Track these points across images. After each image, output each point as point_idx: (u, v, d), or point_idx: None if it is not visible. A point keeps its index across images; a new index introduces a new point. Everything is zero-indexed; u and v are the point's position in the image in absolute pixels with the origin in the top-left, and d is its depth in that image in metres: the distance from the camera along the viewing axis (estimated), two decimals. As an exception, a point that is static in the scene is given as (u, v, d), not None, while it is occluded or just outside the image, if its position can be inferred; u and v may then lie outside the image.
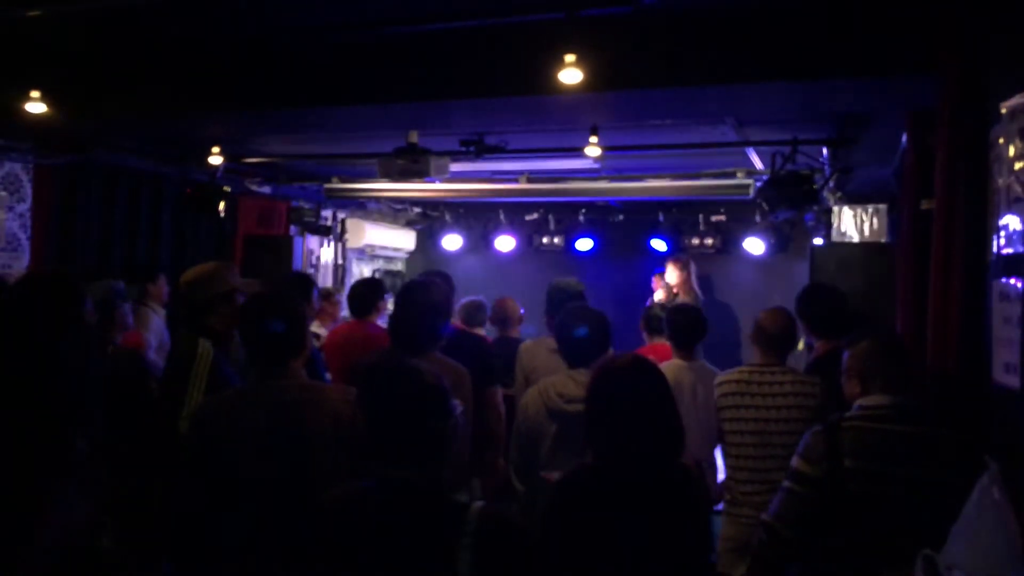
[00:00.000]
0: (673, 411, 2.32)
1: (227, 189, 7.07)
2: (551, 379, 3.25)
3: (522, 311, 5.52)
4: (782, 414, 3.55)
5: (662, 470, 2.27)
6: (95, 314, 2.99)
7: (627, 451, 2.25)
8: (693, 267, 8.03)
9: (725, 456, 3.80)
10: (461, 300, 5.30)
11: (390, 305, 5.60)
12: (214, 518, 2.45)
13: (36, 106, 4.35)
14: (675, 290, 7.89)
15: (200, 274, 3.35)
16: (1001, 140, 2.26)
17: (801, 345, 4.69)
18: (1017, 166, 2.12)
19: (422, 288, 3.53)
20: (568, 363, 3.27)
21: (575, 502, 2.28)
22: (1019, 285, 2.01)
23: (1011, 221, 2.15)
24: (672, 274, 7.98)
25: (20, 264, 5.84)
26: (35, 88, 4.35)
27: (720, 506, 3.83)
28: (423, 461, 1.92)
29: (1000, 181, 2.27)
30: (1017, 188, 2.12)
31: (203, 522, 2.46)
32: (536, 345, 4.22)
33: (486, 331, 5.43)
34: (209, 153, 6.16)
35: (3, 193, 5.76)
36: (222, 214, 6.96)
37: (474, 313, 5.42)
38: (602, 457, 2.31)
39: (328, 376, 4.08)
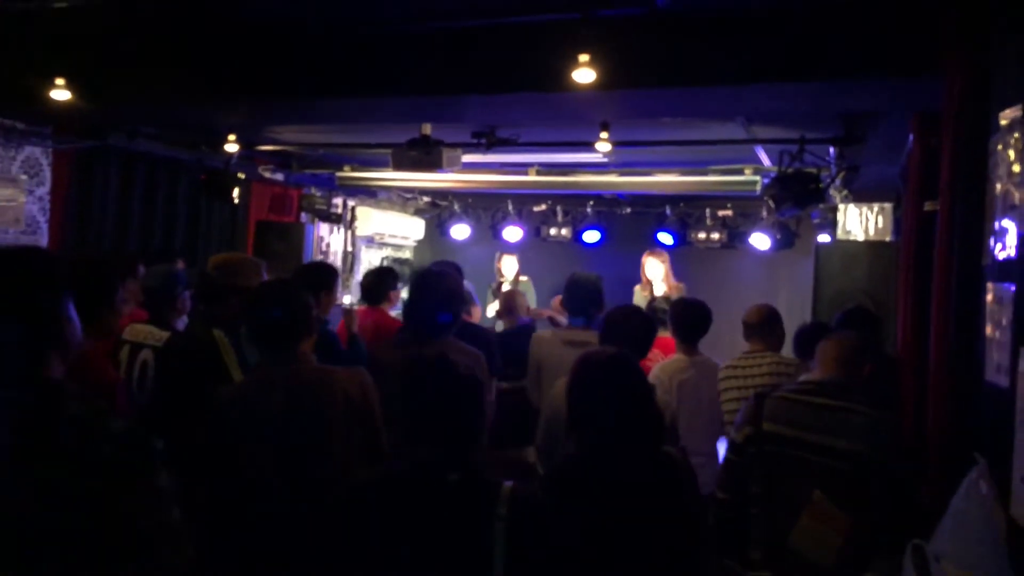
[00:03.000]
0: (649, 401, 2.45)
1: (241, 176, 7.16)
2: None
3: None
4: (757, 383, 3.98)
5: (643, 457, 2.36)
6: (124, 301, 3.03)
7: (604, 438, 2.35)
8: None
9: None
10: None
11: (404, 294, 5.71)
12: (237, 504, 2.55)
13: (61, 93, 4.45)
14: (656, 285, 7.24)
15: (230, 261, 3.45)
16: (1000, 147, 2.34)
17: None
18: (1016, 169, 2.20)
19: (436, 276, 3.64)
20: None
21: (562, 492, 2.36)
22: (1011, 289, 2.10)
23: (1007, 226, 2.23)
24: (656, 267, 7.38)
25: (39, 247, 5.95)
26: (58, 75, 4.44)
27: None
28: (457, 446, 2.09)
29: (998, 187, 2.35)
30: (1014, 194, 2.20)
31: (228, 509, 2.56)
32: (552, 336, 4.27)
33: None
34: (224, 140, 6.24)
35: (23, 176, 5.86)
36: (236, 200, 7.06)
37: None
38: (584, 447, 2.41)
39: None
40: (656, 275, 7.33)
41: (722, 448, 4.26)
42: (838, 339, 3.06)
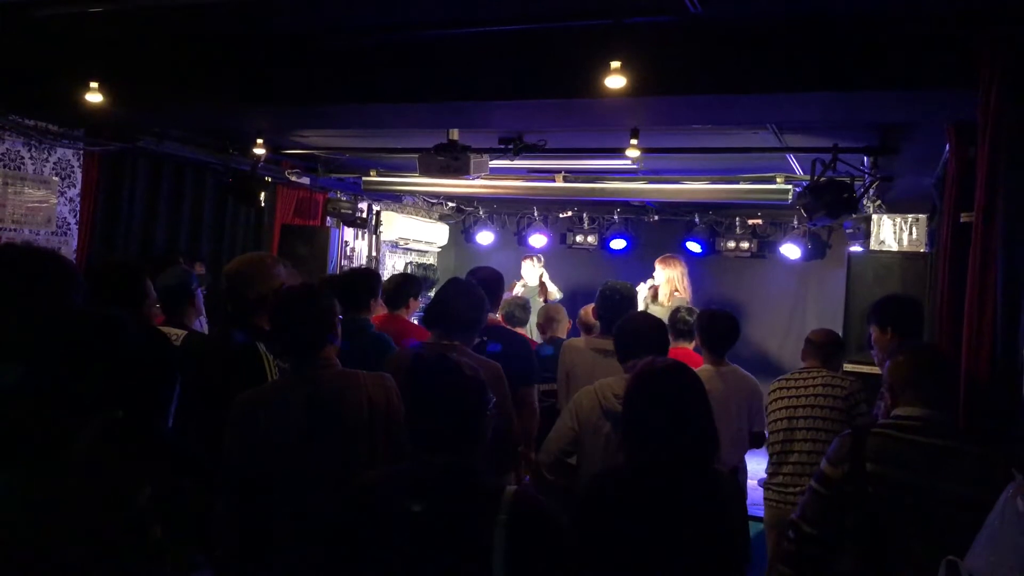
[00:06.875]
0: (708, 415, 2.36)
1: (268, 179, 7.20)
2: (608, 380, 3.29)
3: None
4: (809, 401, 4.09)
5: (694, 473, 2.30)
6: (159, 305, 3.00)
7: (661, 454, 2.28)
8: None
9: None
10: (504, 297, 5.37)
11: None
12: (256, 508, 2.54)
13: (94, 96, 4.50)
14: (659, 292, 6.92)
15: (250, 268, 3.24)
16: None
17: None
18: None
19: (461, 282, 3.67)
20: (625, 366, 3.31)
21: (605, 502, 2.32)
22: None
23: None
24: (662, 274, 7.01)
25: (68, 248, 6.01)
26: (92, 79, 4.49)
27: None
28: (460, 447, 2.06)
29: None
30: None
31: (245, 513, 2.54)
32: (584, 344, 4.24)
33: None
34: (252, 144, 6.28)
35: (55, 178, 5.93)
36: (262, 204, 7.09)
37: (516, 312, 5.51)
38: (635, 458, 2.34)
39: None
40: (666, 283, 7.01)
41: (752, 463, 4.24)
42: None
